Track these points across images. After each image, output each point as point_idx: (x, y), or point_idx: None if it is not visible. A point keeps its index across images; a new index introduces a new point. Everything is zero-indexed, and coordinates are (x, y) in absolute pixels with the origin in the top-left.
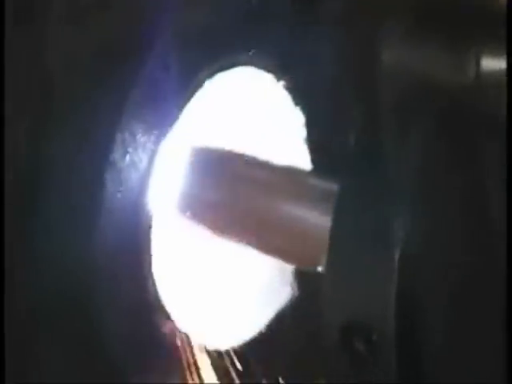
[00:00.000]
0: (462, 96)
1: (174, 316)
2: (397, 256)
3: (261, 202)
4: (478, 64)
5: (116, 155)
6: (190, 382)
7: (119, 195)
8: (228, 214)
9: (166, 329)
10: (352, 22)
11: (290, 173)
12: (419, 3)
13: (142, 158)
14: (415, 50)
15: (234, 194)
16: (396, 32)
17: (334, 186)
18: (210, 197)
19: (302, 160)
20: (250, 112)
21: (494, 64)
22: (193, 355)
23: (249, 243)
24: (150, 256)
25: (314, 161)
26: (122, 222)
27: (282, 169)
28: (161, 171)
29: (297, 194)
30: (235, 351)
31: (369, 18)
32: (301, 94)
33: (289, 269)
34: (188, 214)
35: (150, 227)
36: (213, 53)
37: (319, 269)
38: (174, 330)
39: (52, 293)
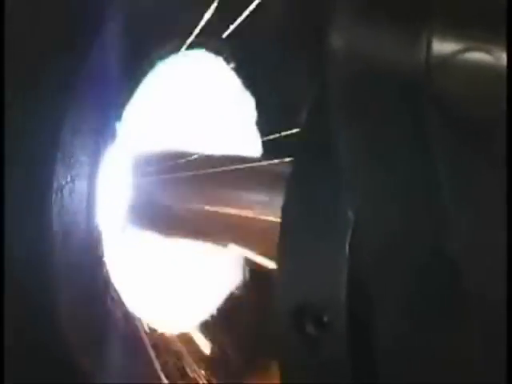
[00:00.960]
0: (412, 79)
1: (125, 300)
2: (348, 238)
3: (207, 198)
4: (428, 47)
5: (64, 150)
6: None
7: (68, 188)
8: (175, 217)
9: (118, 313)
10: (302, 4)
11: (235, 161)
12: None
13: (91, 150)
14: (365, 32)
15: (179, 195)
16: (346, 14)
17: (283, 169)
18: (156, 203)
19: (253, 143)
20: (199, 95)
21: (444, 48)
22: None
23: (200, 239)
24: (101, 246)
25: (264, 143)
26: (72, 213)
27: (227, 159)
28: (108, 170)
29: (244, 183)
30: (188, 334)
31: (319, 1)
32: (250, 77)
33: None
34: (136, 224)
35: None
36: (164, 33)
37: (271, 252)
38: (127, 315)
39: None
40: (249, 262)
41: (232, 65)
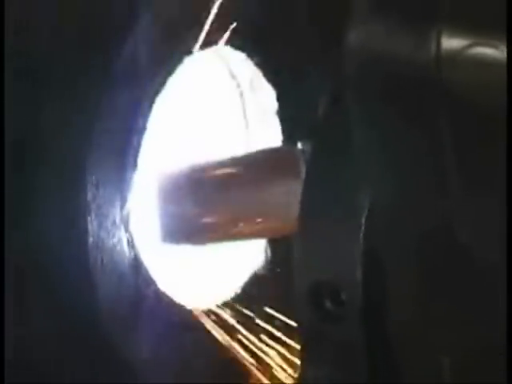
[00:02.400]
0: (423, 74)
1: (156, 278)
2: (363, 219)
3: (233, 197)
4: (438, 43)
5: (96, 148)
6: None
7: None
8: (209, 224)
9: (149, 291)
10: (321, 2)
11: (254, 158)
12: None
13: (121, 145)
14: (379, 29)
15: (211, 203)
16: (361, 10)
17: (302, 155)
18: (186, 217)
19: (274, 131)
20: (222, 90)
21: (454, 43)
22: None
23: (235, 239)
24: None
25: (284, 131)
26: (104, 202)
27: (247, 157)
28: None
29: (264, 171)
30: (213, 311)
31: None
32: (272, 71)
33: None
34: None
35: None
36: (189, 30)
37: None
38: (158, 292)
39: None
40: (270, 242)
41: (255, 60)
